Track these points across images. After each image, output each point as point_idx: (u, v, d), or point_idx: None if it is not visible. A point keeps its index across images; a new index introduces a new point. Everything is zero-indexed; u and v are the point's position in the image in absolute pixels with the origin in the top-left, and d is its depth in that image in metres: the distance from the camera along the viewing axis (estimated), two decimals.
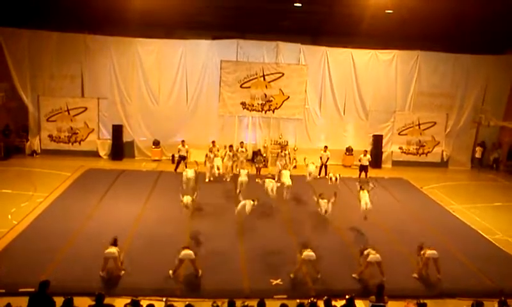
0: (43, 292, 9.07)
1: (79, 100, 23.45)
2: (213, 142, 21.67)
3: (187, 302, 9.32)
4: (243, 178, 17.60)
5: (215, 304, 9.28)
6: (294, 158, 21.32)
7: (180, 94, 23.92)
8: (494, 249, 14.90)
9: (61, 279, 10.89)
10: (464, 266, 13.42)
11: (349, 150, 24.57)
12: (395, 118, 25.08)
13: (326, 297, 9.50)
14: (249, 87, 23.86)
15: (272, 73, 23.83)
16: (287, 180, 17.42)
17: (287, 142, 23.95)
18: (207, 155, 20.64)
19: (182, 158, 21.60)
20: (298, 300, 9.40)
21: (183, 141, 21.82)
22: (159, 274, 11.84)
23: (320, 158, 21.89)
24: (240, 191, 16.29)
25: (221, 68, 23.48)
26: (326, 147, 22.17)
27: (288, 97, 24.09)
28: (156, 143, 23.68)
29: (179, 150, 21.73)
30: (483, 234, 16.04)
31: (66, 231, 14.11)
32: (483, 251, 14.64)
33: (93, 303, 9.21)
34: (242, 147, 21.66)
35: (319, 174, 21.58)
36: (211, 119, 24.17)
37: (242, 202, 14.89)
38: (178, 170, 21.14)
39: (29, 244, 13.23)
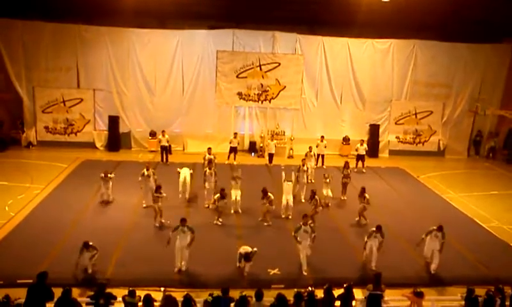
0: (42, 283, 9.08)
1: (74, 91, 23.31)
2: (235, 134, 21.95)
3: (185, 292, 9.36)
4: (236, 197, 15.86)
5: (213, 294, 9.33)
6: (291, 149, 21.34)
7: (176, 84, 23.81)
8: (490, 237, 15.05)
9: (59, 270, 10.87)
10: (461, 254, 13.54)
11: (345, 140, 24.57)
12: (391, 107, 25.08)
13: (327, 285, 9.56)
14: (245, 77, 23.77)
15: (268, 63, 23.73)
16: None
17: (284, 132, 23.97)
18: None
19: (164, 148, 21.53)
20: (296, 290, 9.45)
21: (163, 131, 21.80)
22: (157, 264, 11.89)
23: (317, 147, 21.86)
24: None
25: (217, 58, 23.35)
26: (322, 137, 22.12)
27: (285, 87, 24.02)
28: (153, 134, 23.54)
29: (160, 140, 21.73)
30: (479, 222, 16.17)
31: (63, 222, 14.16)
32: (479, 239, 14.79)
33: (92, 293, 9.25)
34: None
35: (316, 164, 21.60)
36: (208, 109, 24.11)
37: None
38: (165, 161, 21.45)
39: (27, 235, 13.27)
